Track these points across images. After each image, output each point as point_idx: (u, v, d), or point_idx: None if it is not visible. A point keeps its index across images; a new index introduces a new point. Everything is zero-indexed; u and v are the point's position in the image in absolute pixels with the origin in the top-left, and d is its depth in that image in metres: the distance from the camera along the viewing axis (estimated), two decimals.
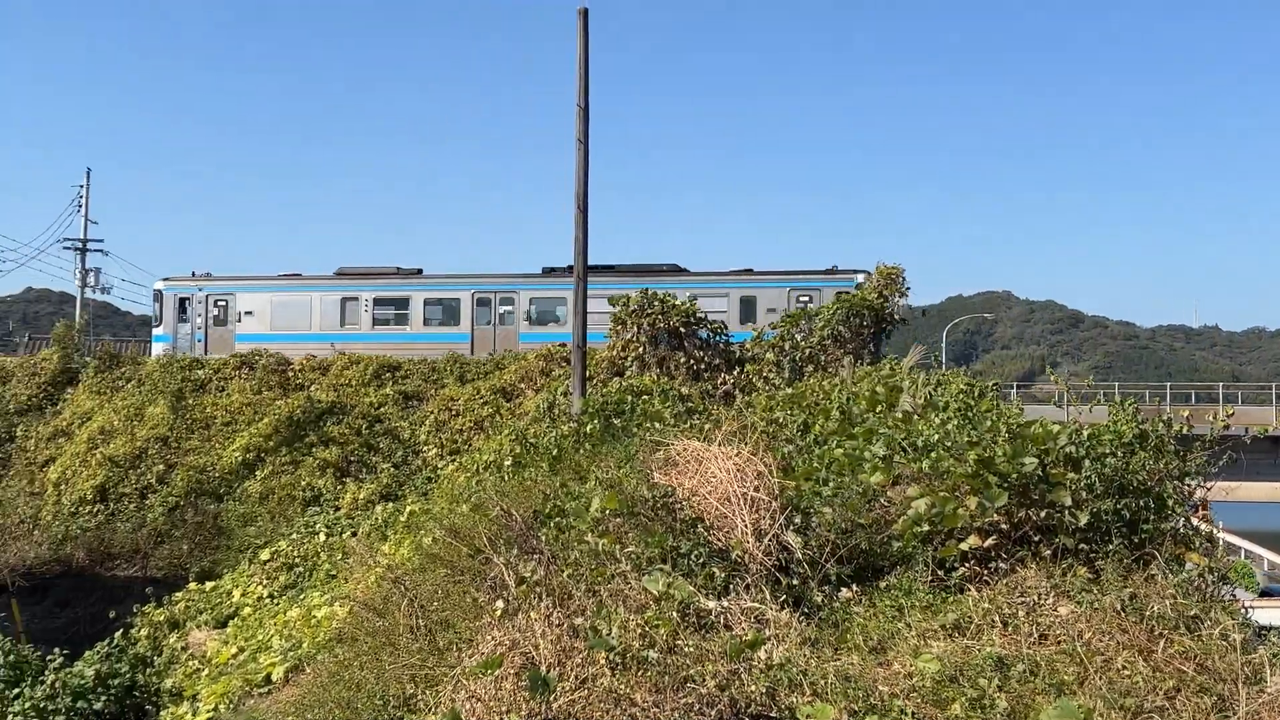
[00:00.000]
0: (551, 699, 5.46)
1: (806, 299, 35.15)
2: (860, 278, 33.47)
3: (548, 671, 5.67)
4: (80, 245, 59.40)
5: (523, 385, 32.05)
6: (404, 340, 37.72)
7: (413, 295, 38.65)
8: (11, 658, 17.47)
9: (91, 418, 33.51)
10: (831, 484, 8.74)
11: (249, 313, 39.26)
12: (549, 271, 38.35)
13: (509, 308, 37.99)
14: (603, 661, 5.73)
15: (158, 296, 40.20)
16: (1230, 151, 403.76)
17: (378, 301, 38.69)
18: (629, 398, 17.44)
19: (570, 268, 38.00)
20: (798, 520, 7.90)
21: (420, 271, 39.68)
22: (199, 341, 39.21)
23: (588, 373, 22.14)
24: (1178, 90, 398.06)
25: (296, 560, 24.10)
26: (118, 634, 19.96)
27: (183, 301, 39.69)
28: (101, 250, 61.06)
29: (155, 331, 40.30)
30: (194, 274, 40.51)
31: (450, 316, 38.35)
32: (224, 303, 39.60)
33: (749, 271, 37.28)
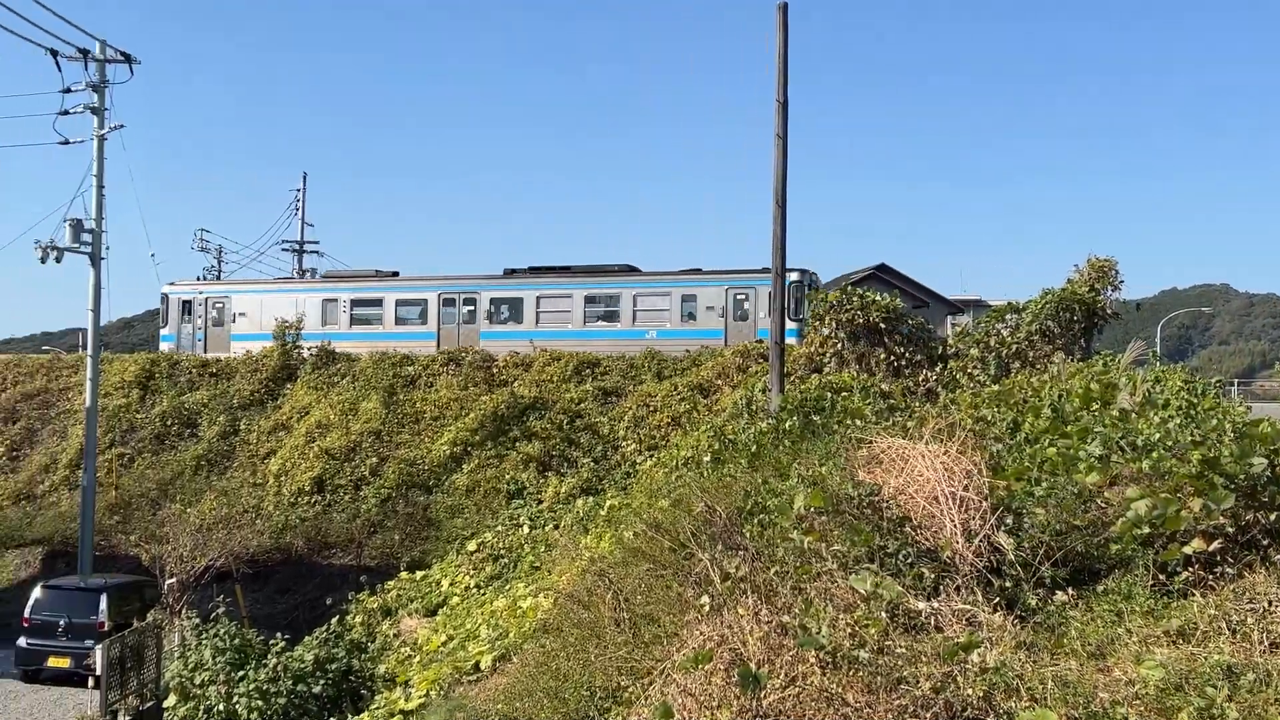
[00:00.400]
0: (761, 696, 5.46)
1: (743, 296, 36.78)
2: (794, 275, 34.47)
3: (757, 668, 5.66)
4: (297, 246, 62.16)
5: (719, 382, 32.11)
6: (378, 339, 39.85)
7: (385, 296, 41.13)
8: (237, 641, 18.33)
9: (309, 412, 35.01)
10: (1044, 484, 8.48)
11: (242, 314, 42.54)
12: (510, 273, 40.33)
13: (471, 308, 39.79)
14: (813, 660, 5.69)
15: (164, 299, 43.84)
16: None
17: (355, 303, 41.28)
18: (828, 394, 17.26)
19: (532, 268, 41.09)
20: (1009, 521, 7.69)
21: (396, 274, 42.22)
22: (199, 340, 42.74)
23: (785, 369, 21.99)
24: None
25: (501, 552, 24.66)
26: (334, 620, 20.76)
27: (186, 304, 43.38)
28: (317, 251, 63.83)
29: (162, 331, 43.91)
30: (198, 278, 44.82)
31: (420, 316, 40.54)
32: (221, 305, 43.04)
33: (697, 271, 38.28)
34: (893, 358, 25.20)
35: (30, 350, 71.80)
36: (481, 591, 22.69)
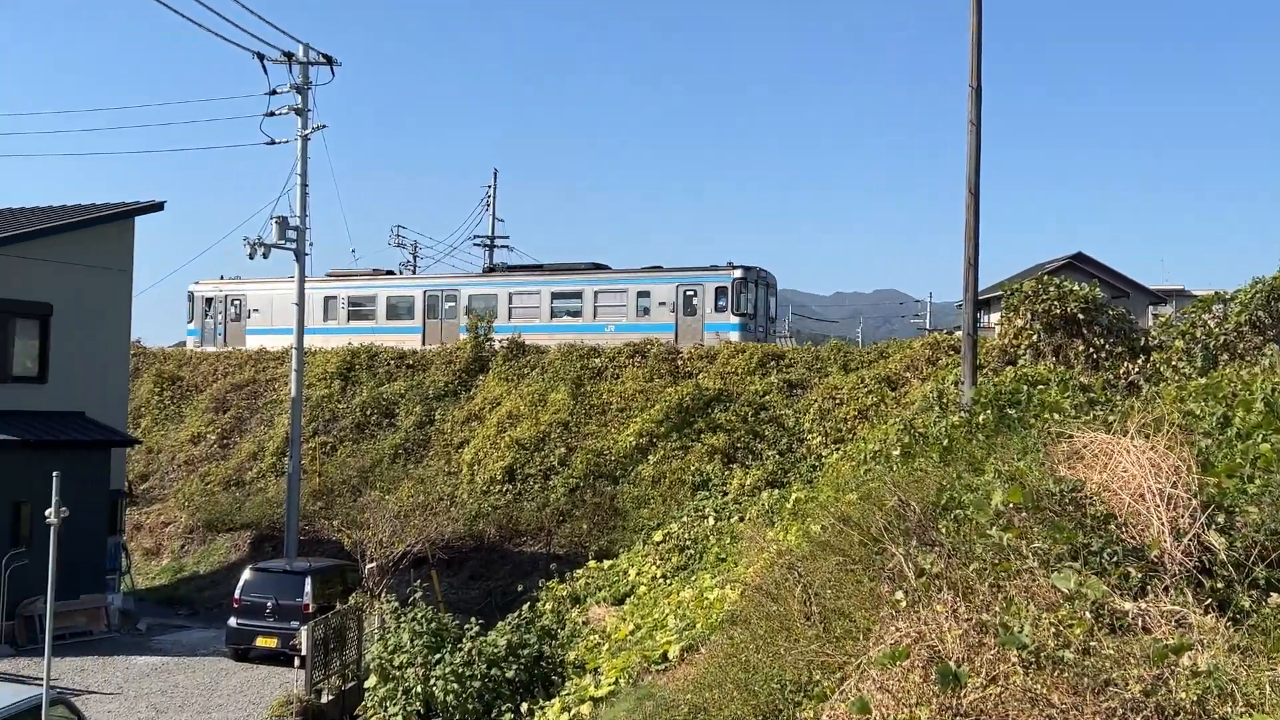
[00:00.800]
0: (962, 694, 5.37)
1: (692, 293, 38.46)
2: (738, 273, 37.78)
3: (957, 666, 5.57)
4: (488, 241, 63.64)
5: (908, 374, 31.59)
6: (370, 334, 42.11)
7: (378, 294, 43.63)
8: (433, 625, 18.85)
9: (500, 403, 35.82)
10: (1257, 481, 8.08)
11: (256, 310, 45.31)
12: (488, 271, 43.15)
13: (452, 304, 41.99)
14: (1014, 659, 5.56)
15: (190, 297, 46.69)
16: None
17: (351, 300, 43.84)
18: (1024, 387, 16.80)
19: (508, 267, 43.47)
20: (1220, 520, 7.36)
21: (391, 273, 45.80)
22: (219, 335, 45.76)
23: (977, 361, 21.49)
24: None
25: (687, 542, 24.78)
26: (525, 606, 21.17)
27: (208, 301, 46.46)
28: (507, 245, 65.31)
29: (188, 326, 46.86)
30: (220, 277, 46.83)
31: (407, 312, 42.95)
32: (238, 301, 45.90)
33: (658, 269, 39.84)
34: (1091, 350, 24.37)
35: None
36: (668, 582, 22.84)
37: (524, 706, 17.13)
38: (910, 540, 8.41)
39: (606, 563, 26.37)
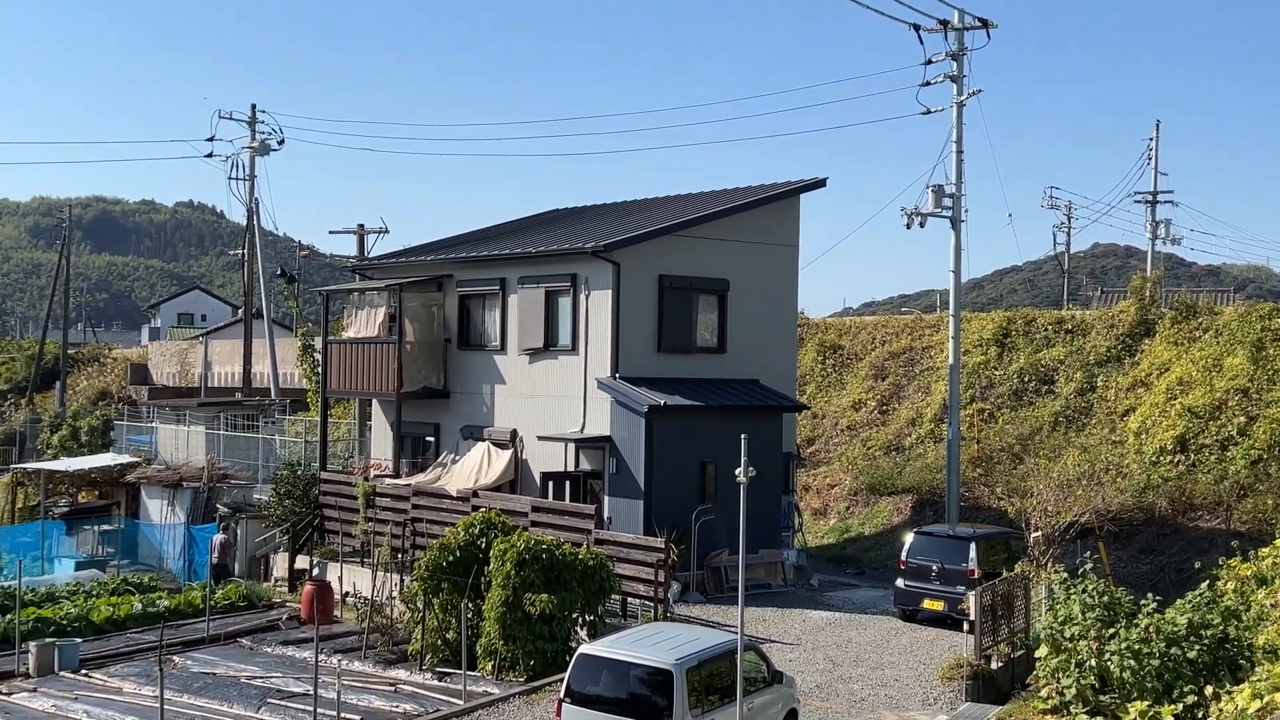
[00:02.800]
0: None
1: None
2: None
3: None
4: (1150, 198, 60.00)
5: None
6: None
7: None
8: (1105, 598, 18.22)
9: (1169, 369, 33.72)
10: None
11: None
12: None
13: None
14: None
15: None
16: None
17: None
18: None
19: None
20: None
21: None
22: None
23: None
24: None
25: None
26: (1203, 585, 19.81)
27: None
28: (1171, 201, 61.12)
29: None
30: None
31: None
32: None
33: None
34: None
35: (889, 311, 77.29)
36: None
37: (1208, 689, 16.12)
38: None
39: None
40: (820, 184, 31.33)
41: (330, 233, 52.71)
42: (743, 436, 15.35)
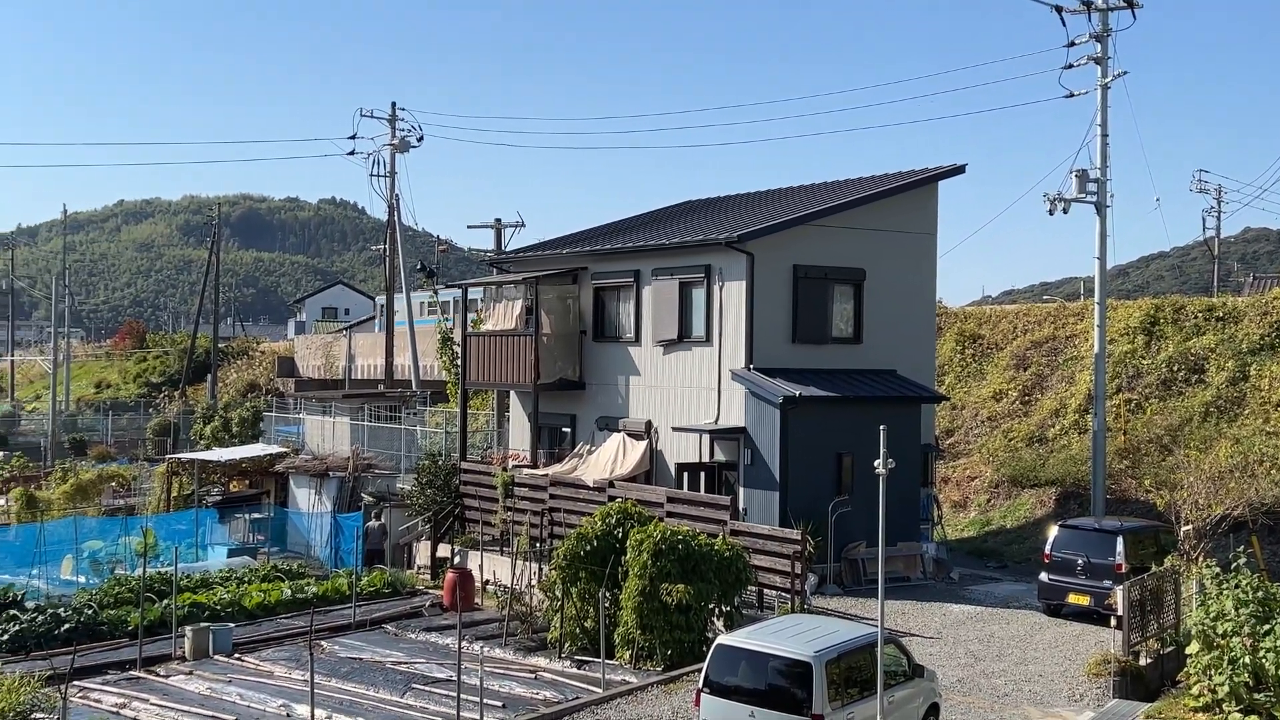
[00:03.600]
0: None
1: None
2: None
3: None
4: None
5: None
6: None
7: None
8: (1260, 594, 17.59)
9: None
10: None
11: None
12: None
13: None
14: None
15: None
16: None
17: None
18: None
19: None
20: None
21: None
22: None
23: None
24: None
25: None
26: None
27: None
28: None
29: None
30: None
31: None
32: None
33: None
34: None
35: (1029, 300, 75.52)
36: None
37: None
38: None
39: None
40: (959, 170, 30.77)
41: (468, 227, 54.15)
42: (881, 428, 15.17)
